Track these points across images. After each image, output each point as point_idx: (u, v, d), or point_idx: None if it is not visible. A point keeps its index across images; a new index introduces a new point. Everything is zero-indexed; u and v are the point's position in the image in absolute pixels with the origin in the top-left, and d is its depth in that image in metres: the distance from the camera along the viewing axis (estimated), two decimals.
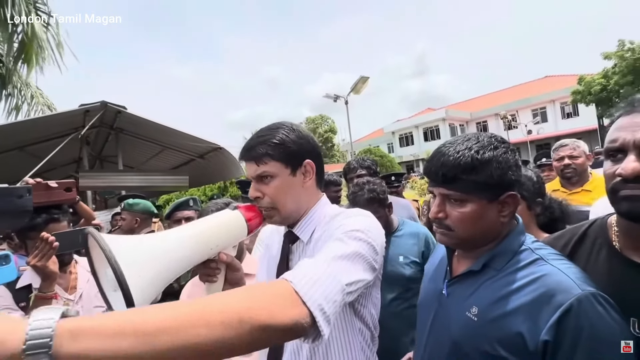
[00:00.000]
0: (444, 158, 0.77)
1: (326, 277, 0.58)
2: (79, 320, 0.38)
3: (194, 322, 0.42)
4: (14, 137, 3.94)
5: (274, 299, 0.50)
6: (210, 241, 0.72)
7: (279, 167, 0.83)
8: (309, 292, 0.53)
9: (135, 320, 0.40)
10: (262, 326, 0.46)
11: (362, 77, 9.99)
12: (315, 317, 0.52)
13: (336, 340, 0.82)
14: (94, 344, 0.37)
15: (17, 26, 3.98)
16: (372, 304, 0.87)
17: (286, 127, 0.86)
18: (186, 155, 5.59)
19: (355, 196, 1.62)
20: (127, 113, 4.20)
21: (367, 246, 0.72)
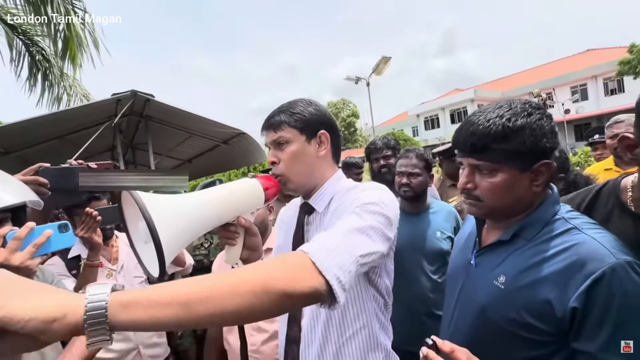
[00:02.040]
0: (473, 127, 0.75)
1: (341, 249, 0.61)
2: (127, 293, 0.43)
3: (225, 292, 0.47)
4: (55, 126, 4.21)
5: (294, 269, 0.55)
6: (230, 205, 0.77)
7: (295, 133, 0.88)
8: (325, 263, 0.57)
9: (176, 292, 0.45)
10: (285, 294, 0.51)
11: (383, 57, 9.70)
12: (331, 286, 0.56)
13: (352, 306, 0.86)
14: (142, 313, 0.42)
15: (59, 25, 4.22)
16: (386, 273, 0.90)
17: (304, 100, 0.93)
18: (211, 141, 5.73)
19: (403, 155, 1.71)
20: (155, 101, 4.35)
21: (382, 218, 0.74)
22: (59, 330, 0.37)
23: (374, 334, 0.87)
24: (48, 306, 0.37)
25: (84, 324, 0.38)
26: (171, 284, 0.47)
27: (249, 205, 0.83)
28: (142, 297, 0.43)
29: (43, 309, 0.37)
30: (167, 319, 0.43)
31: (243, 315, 0.48)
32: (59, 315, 0.37)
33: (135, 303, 0.42)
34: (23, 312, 0.35)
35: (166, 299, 0.43)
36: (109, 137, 4.86)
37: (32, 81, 4.93)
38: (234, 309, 0.47)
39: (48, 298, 0.38)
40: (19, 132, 4.00)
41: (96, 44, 4.67)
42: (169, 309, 0.43)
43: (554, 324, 0.67)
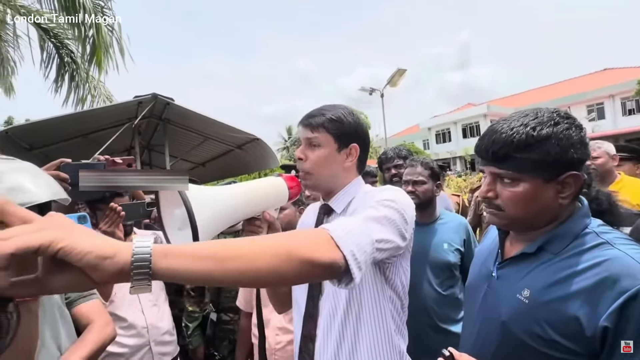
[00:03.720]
0: (495, 135, 0.75)
1: (358, 230, 0.65)
2: (168, 245, 0.47)
3: (256, 252, 0.51)
4: (79, 125, 4.37)
5: (315, 240, 0.58)
6: (256, 199, 0.83)
7: (329, 139, 0.92)
8: (343, 239, 0.60)
9: (211, 248, 0.48)
10: (306, 260, 0.54)
11: (399, 69, 9.78)
12: (347, 261, 0.59)
13: (368, 304, 0.87)
14: (182, 263, 0.45)
15: (89, 30, 4.45)
16: (403, 273, 0.92)
17: (346, 109, 0.96)
18: (225, 146, 5.83)
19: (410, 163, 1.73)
20: (174, 105, 4.47)
21: (397, 214, 0.78)
22: (109, 268, 0.39)
23: (389, 335, 0.88)
24: (103, 244, 0.40)
25: (131, 265, 0.41)
26: (206, 243, 0.51)
27: (273, 202, 0.88)
28: (182, 250, 0.46)
29: (99, 245, 0.40)
30: (202, 271, 0.46)
31: (268, 277, 0.52)
32: (111, 253, 0.40)
33: (175, 254, 0.45)
34: (83, 245, 0.38)
35: (202, 253, 0.47)
36: (127, 137, 4.99)
37: (60, 82, 5.14)
38: (260, 269, 0.50)
39: (103, 238, 0.42)
40: (43, 130, 4.16)
41: (122, 50, 4.88)
42: (204, 261, 0.46)
43: (583, 343, 0.65)
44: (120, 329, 1.48)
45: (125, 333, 1.51)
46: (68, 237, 0.38)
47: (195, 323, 1.94)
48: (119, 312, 1.50)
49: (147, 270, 0.42)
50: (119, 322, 1.48)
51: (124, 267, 0.40)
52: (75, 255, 0.37)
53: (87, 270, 0.39)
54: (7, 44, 4.87)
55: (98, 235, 0.42)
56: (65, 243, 0.37)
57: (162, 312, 1.67)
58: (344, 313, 0.86)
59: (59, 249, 0.37)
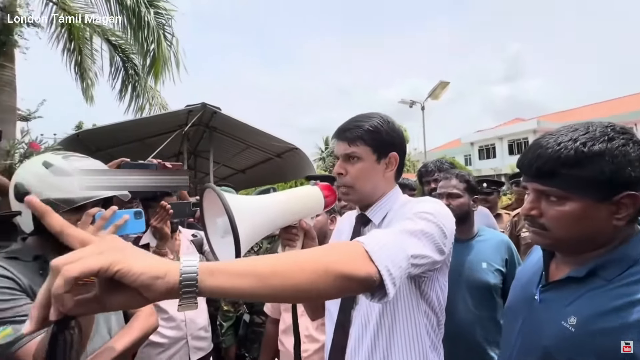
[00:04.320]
0: (541, 150, 0.71)
1: (393, 244, 0.64)
2: (213, 263, 0.48)
3: (294, 269, 0.52)
4: (137, 131, 4.82)
5: (350, 255, 0.58)
6: (294, 208, 0.84)
7: (367, 151, 0.91)
8: (377, 253, 0.59)
9: (253, 266, 0.50)
10: (343, 275, 0.54)
11: (441, 82, 9.54)
12: (382, 276, 0.58)
13: (402, 317, 0.85)
14: (225, 281, 0.46)
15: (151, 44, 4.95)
16: (439, 288, 0.88)
17: (382, 117, 0.94)
18: (265, 154, 6.06)
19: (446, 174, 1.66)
20: (221, 113, 4.77)
21: (435, 227, 0.75)
22: (160, 287, 0.42)
23: (423, 351, 0.85)
24: (154, 265, 0.43)
25: (180, 284, 0.43)
26: (250, 259, 0.52)
27: (310, 210, 0.89)
28: (226, 267, 0.48)
29: (151, 266, 0.42)
30: (245, 288, 0.48)
31: (307, 292, 0.53)
32: (162, 274, 0.42)
33: (220, 271, 0.47)
34: (137, 267, 0.41)
35: (244, 270, 0.48)
36: (177, 143, 5.38)
37: (124, 92, 5.73)
38: (300, 285, 0.51)
39: (153, 259, 0.44)
40: (107, 134, 4.63)
41: (178, 63, 5.34)
42: (246, 279, 0.48)
43: None
44: (162, 320, 1.58)
45: (166, 324, 1.62)
46: (124, 259, 0.40)
47: (229, 322, 2.01)
48: (162, 304, 1.61)
49: (194, 289, 0.44)
50: (161, 314, 1.59)
51: (173, 286, 0.43)
52: (130, 277, 0.40)
53: (140, 289, 0.41)
54: (88, 58, 5.54)
55: (149, 256, 0.44)
56: (122, 266, 0.40)
57: (200, 309, 1.76)
58: (377, 325, 0.85)
59: (116, 271, 0.40)
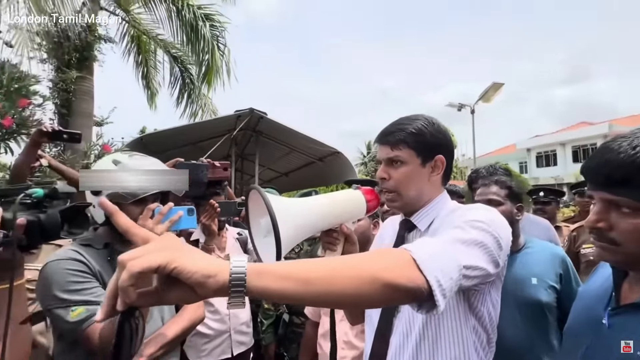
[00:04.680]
0: (611, 155, 0.62)
1: (444, 254, 0.60)
2: (261, 265, 0.50)
3: (341, 275, 0.51)
4: (191, 135, 5.19)
5: (399, 263, 0.56)
6: (335, 212, 0.83)
7: (411, 155, 0.86)
8: (427, 262, 0.56)
9: (300, 269, 0.50)
10: (390, 285, 0.52)
11: (494, 83, 8.92)
12: (431, 287, 0.55)
13: (448, 332, 0.79)
14: (271, 283, 0.47)
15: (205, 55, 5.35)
16: (491, 303, 0.82)
17: (426, 119, 0.89)
18: (308, 158, 6.15)
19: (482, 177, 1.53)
20: (267, 118, 4.96)
21: (489, 237, 0.70)
22: (211, 286, 0.44)
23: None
24: (207, 265, 0.45)
25: (229, 284, 0.45)
26: (297, 262, 0.53)
27: (351, 215, 0.87)
28: (273, 269, 0.49)
29: (204, 266, 0.44)
30: (290, 291, 0.48)
31: (351, 299, 0.52)
32: (213, 273, 0.44)
33: (267, 273, 0.48)
34: (191, 266, 0.43)
35: (291, 273, 0.49)
36: (226, 147, 5.68)
37: (180, 99, 6.23)
38: (344, 292, 0.50)
39: (207, 259, 0.46)
40: (166, 138, 5.05)
41: (229, 71, 5.69)
42: (292, 282, 0.48)
43: None
44: (208, 313, 1.67)
45: (212, 317, 1.70)
46: (180, 258, 0.43)
47: (270, 321, 2.05)
48: None
49: (242, 289, 0.45)
50: (207, 306, 1.67)
51: (223, 285, 0.45)
52: (185, 274, 0.43)
53: (194, 286, 0.44)
54: (153, 69, 6.15)
55: (203, 255, 0.47)
56: (178, 264, 0.43)
57: None
58: (419, 336, 0.80)
59: (173, 269, 0.43)
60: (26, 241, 0.70)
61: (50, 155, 3.50)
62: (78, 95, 4.83)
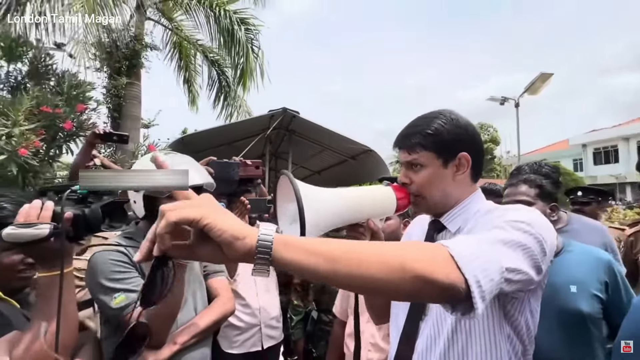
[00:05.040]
0: None
1: (485, 254, 0.56)
2: (288, 236, 0.50)
3: (369, 259, 0.49)
4: (227, 135, 5.42)
5: (433, 257, 0.52)
6: (364, 206, 0.80)
7: (430, 157, 0.81)
8: (466, 261, 0.52)
9: (327, 247, 0.49)
10: (422, 277, 0.49)
11: (542, 73, 8.18)
12: (470, 286, 0.51)
13: (479, 339, 0.74)
14: (297, 255, 0.47)
15: (240, 59, 5.55)
16: (530, 313, 0.75)
17: (444, 116, 0.83)
18: (340, 156, 6.14)
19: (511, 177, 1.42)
20: (299, 117, 5.03)
21: (533, 240, 0.64)
22: (239, 248, 0.45)
23: None
24: (238, 226, 0.46)
25: (256, 249, 0.45)
26: (326, 241, 0.51)
27: (380, 211, 0.85)
28: (300, 242, 0.49)
29: (235, 226, 0.46)
30: (314, 266, 0.47)
31: (377, 286, 0.50)
32: (242, 236, 0.45)
33: (293, 245, 0.48)
34: (222, 224, 0.45)
35: (318, 249, 0.48)
36: (260, 146, 5.84)
37: (217, 101, 6.52)
38: (370, 277, 0.48)
39: (238, 222, 0.47)
40: (204, 138, 5.31)
41: (262, 73, 5.86)
42: (317, 258, 0.47)
43: None
44: (240, 306, 1.73)
45: (243, 310, 1.76)
46: (213, 215, 0.45)
47: (299, 317, 2.08)
48: (240, 291, 1.76)
49: (267, 257, 0.46)
50: (239, 300, 1.73)
51: (250, 249, 0.45)
52: (215, 232, 0.44)
53: (222, 246, 0.45)
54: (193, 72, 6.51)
55: (236, 219, 0.48)
56: (210, 220, 0.44)
57: (273, 299, 1.87)
58: (448, 342, 0.76)
59: (205, 224, 0.44)
60: (73, 233, 0.77)
61: (104, 155, 3.84)
62: (127, 100, 5.24)
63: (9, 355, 0.75)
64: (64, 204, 0.74)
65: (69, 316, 0.79)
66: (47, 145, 3.15)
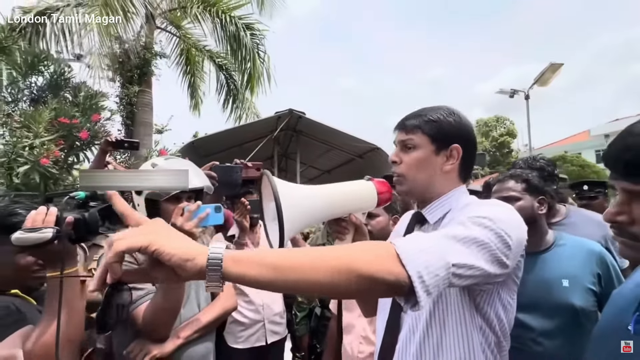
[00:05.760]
0: (632, 139, 0.56)
1: (432, 250, 0.59)
2: (238, 252, 0.53)
3: (315, 265, 0.53)
4: (236, 137, 5.54)
5: (378, 255, 0.56)
6: (343, 201, 0.84)
7: (425, 140, 0.84)
8: (410, 257, 0.56)
9: (273, 257, 0.53)
10: (367, 276, 0.53)
11: (552, 64, 7.85)
12: (412, 282, 0.54)
13: (452, 331, 0.77)
14: (247, 269, 0.50)
15: (247, 63, 5.66)
16: (501, 306, 0.77)
17: (446, 108, 0.87)
18: (347, 155, 6.17)
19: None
20: (306, 118, 5.09)
21: (492, 235, 0.66)
22: (190, 269, 0.48)
23: None
24: (186, 248, 0.49)
25: (207, 268, 0.48)
26: (273, 251, 0.56)
27: (361, 205, 0.88)
28: (249, 257, 0.52)
29: (183, 248, 0.49)
30: (263, 278, 0.50)
31: (325, 289, 0.53)
32: (191, 257, 0.48)
33: (243, 260, 0.51)
34: (170, 249, 0.47)
35: (264, 261, 0.51)
36: (269, 147, 5.94)
37: (226, 105, 6.66)
38: (317, 281, 0.52)
39: (187, 243, 0.50)
40: (214, 141, 5.45)
41: (269, 76, 5.95)
42: (266, 270, 0.51)
43: None
44: (243, 302, 1.80)
45: (247, 307, 1.83)
46: (160, 240, 0.47)
47: (303, 313, 2.14)
48: (243, 289, 1.82)
49: (219, 274, 0.48)
50: (242, 297, 1.80)
51: (201, 268, 0.48)
52: (165, 256, 0.47)
53: (174, 268, 0.48)
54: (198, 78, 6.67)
55: (184, 240, 0.50)
56: (158, 245, 0.47)
57: (276, 296, 1.93)
58: (423, 333, 0.79)
59: (154, 250, 0.47)
60: (74, 235, 0.84)
61: (118, 161, 4.01)
62: (140, 107, 5.43)
63: (21, 348, 0.83)
64: (63, 209, 0.81)
65: (74, 312, 0.86)
66: (66, 154, 3.33)
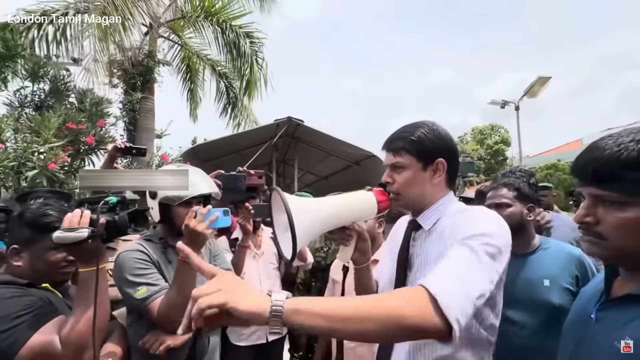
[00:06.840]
0: (597, 152, 0.66)
1: (460, 291, 0.68)
2: (297, 301, 0.60)
3: (366, 315, 0.61)
4: (235, 143, 5.65)
5: (421, 307, 0.64)
6: (349, 211, 0.93)
7: (412, 160, 0.94)
8: (448, 304, 0.64)
9: (329, 310, 0.60)
10: (414, 329, 0.62)
11: (540, 77, 8.22)
12: (452, 327, 0.63)
13: None
14: (305, 319, 0.58)
15: (246, 70, 5.80)
16: (489, 303, 0.87)
17: (426, 126, 0.96)
18: (344, 162, 6.31)
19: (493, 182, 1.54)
20: (304, 125, 5.23)
21: (495, 251, 0.76)
22: (257, 322, 0.57)
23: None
24: (255, 304, 0.57)
25: (269, 321, 0.57)
26: (326, 302, 0.64)
27: (363, 214, 0.97)
28: (307, 308, 0.59)
29: (253, 305, 0.57)
30: (321, 328, 0.59)
31: (376, 338, 0.64)
32: (258, 312, 0.57)
33: (302, 311, 0.59)
34: (242, 306, 0.56)
35: (323, 312, 0.59)
36: (268, 154, 6.06)
37: (225, 112, 6.78)
38: (367, 331, 0.61)
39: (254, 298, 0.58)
40: (214, 147, 5.55)
41: (266, 83, 6.10)
42: (321, 320, 0.59)
43: None
44: None
45: None
46: (235, 299, 0.56)
47: None
48: None
49: (279, 322, 0.57)
50: None
51: (266, 320, 0.57)
52: (237, 313, 0.56)
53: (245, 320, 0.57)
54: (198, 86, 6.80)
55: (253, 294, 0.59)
56: (232, 305, 0.55)
57: None
58: None
59: (229, 308, 0.56)
60: (106, 235, 0.96)
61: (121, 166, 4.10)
62: (142, 113, 5.54)
63: (58, 334, 0.94)
64: (98, 212, 0.93)
65: (103, 304, 0.98)
66: (72, 159, 3.42)
